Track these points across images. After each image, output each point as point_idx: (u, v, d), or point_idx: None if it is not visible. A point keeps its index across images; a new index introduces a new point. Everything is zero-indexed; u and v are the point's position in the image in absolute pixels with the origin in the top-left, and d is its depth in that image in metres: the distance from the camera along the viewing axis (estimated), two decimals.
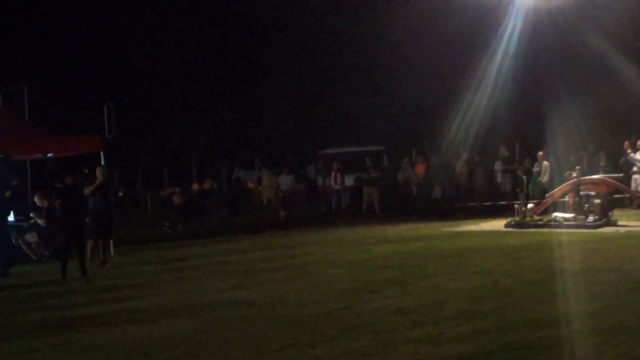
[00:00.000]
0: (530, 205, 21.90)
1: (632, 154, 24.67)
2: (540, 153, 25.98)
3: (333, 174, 28.34)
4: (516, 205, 21.96)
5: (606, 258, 14.41)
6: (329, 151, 32.45)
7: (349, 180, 28.78)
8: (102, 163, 19.63)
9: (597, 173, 23.47)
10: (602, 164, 25.40)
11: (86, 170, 20.11)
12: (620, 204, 23.52)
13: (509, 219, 21.68)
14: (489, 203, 25.63)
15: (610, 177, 22.04)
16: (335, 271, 15.00)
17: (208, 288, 13.89)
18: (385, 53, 35.64)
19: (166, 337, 9.85)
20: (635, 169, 24.56)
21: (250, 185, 36.40)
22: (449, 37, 32.46)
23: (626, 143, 25.66)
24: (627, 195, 23.62)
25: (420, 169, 28.56)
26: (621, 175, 23.01)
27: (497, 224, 21.85)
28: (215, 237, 23.94)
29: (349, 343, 8.98)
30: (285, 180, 30.39)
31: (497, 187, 27.40)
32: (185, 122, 47.06)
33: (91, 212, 18.20)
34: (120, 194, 19.57)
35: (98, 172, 18.45)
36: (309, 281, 13.97)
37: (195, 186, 30.95)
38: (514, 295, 11.26)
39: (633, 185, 24.30)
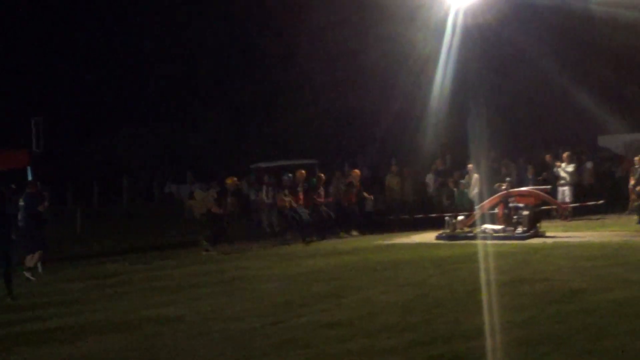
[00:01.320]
0: (460, 218, 22.25)
1: (559, 166, 25.27)
2: (470, 165, 26.37)
3: (264, 188, 28.29)
4: (446, 218, 22.29)
5: (534, 269, 14.68)
6: (262, 165, 32.44)
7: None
8: (30, 178, 19.47)
9: (525, 185, 23.96)
10: (529, 176, 25.97)
11: (13, 186, 19.81)
12: (548, 215, 24.08)
13: (440, 231, 22.01)
14: (420, 215, 25.96)
15: (537, 189, 22.49)
16: (267, 285, 15.08)
17: (137, 304, 13.86)
18: (319, 68, 35.86)
19: (94, 355, 9.85)
20: (562, 181, 25.15)
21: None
22: (381, 54, 32.81)
23: (548, 156, 26.34)
24: (554, 206, 24.18)
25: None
26: (549, 187, 23.51)
27: (429, 236, 22.13)
28: (145, 252, 23.81)
29: (281, 358, 9.07)
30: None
31: (430, 199, 27.72)
32: (118, 137, 46.61)
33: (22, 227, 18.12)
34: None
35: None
36: (241, 296, 14.03)
37: None
38: (444, 307, 11.46)
39: (560, 196, 24.87)
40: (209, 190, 26.35)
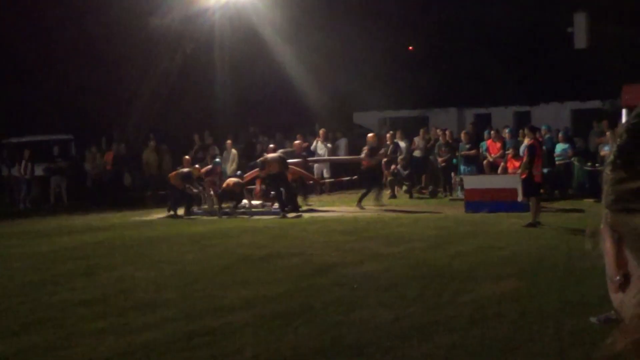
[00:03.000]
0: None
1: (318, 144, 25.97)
2: (229, 142, 26.54)
3: (23, 162, 27.20)
4: (202, 193, 22.37)
5: (290, 244, 15.08)
6: (14, 140, 30.96)
7: (38, 170, 27.79)
8: None
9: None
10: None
11: None
12: (311, 190, 24.59)
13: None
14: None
15: (294, 164, 22.88)
16: (17, 264, 14.48)
17: None
18: (74, 45, 34.77)
19: None
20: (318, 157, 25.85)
21: None
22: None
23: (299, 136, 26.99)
24: (310, 181, 24.80)
25: (109, 157, 28.18)
26: (301, 160, 23.83)
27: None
28: None
29: (32, 337, 8.78)
30: None
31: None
32: None
33: None
34: None
35: None
36: None
37: None
38: (200, 282, 11.52)
39: (317, 172, 25.54)
40: None
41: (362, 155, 22.47)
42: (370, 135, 23.02)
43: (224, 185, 21.34)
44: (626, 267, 1.07)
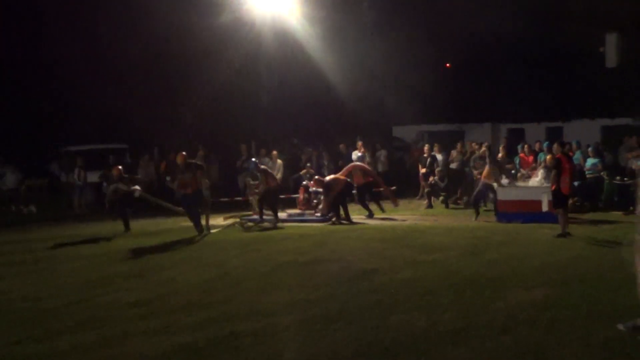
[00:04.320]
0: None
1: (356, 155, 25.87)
2: (274, 152, 26.57)
3: (77, 169, 27.49)
4: (251, 200, 22.39)
5: (330, 250, 14.97)
6: (72, 148, 31.26)
7: (93, 177, 27.98)
8: None
9: (323, 171, 24.40)
10: (325, 162, 26.53)
11: None
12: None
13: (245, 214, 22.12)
14: (226, 199, 25.85)
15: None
16: (73, 265, 14.62)
17: None
18: (133, 62, 35.17)
19: None
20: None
21: None
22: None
23: (342, 145, 26.78)
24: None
25: (164, 166, 28.21)
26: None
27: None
28: None
29: (83, 336, 8.84)
30: (10, 179, 29.08)
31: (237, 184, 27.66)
32: None
33: None
34: None
35: None
36: (45, 275, 13.54)
37: None
38: (243, 286, 11.52)
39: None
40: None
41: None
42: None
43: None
44: None
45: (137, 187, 20.24)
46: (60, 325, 9.39)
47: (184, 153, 19.30)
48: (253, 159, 22.00)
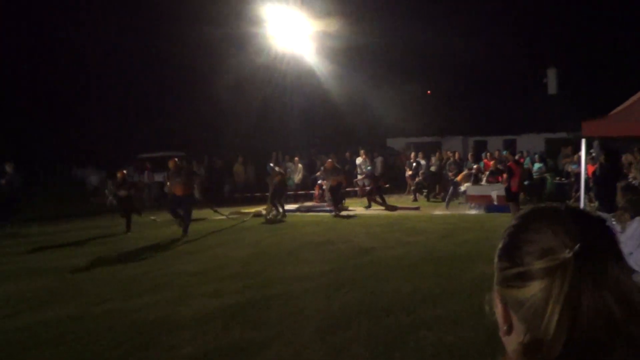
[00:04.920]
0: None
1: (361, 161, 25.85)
2: (296, 158, 26.63)
3: (146, 172, 27.73)
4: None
5: (339, 233, 15.02)
6: (144, 155, 31.42)
7: (159, 177, 28.11)
8: None
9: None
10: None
11: None
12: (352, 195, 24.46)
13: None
14: (258, 194, 25.84)
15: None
16: (146, 243, 14.69)
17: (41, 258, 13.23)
18: (187, 84, 35.31)
19: None
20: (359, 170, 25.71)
21: None
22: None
23: (348, 153, 26.64)
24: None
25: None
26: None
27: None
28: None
29: (154, 296, 8.97)
30: (94, 179, 29.59)
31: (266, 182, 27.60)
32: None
33: None
34: None
35: None
36: (131, 249, 13.62)
37: None
38: (274, 260, 11.60)
39: (360, 183, 25.39)
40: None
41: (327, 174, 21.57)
42: (329, 161, 22.01)
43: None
44: (510, 320, 1.19)
45: (125, 192, 18.16)
46: (136, 290, 9.51)
47: (175, 159, 17.07)
48: (270, 164, 21.78)
